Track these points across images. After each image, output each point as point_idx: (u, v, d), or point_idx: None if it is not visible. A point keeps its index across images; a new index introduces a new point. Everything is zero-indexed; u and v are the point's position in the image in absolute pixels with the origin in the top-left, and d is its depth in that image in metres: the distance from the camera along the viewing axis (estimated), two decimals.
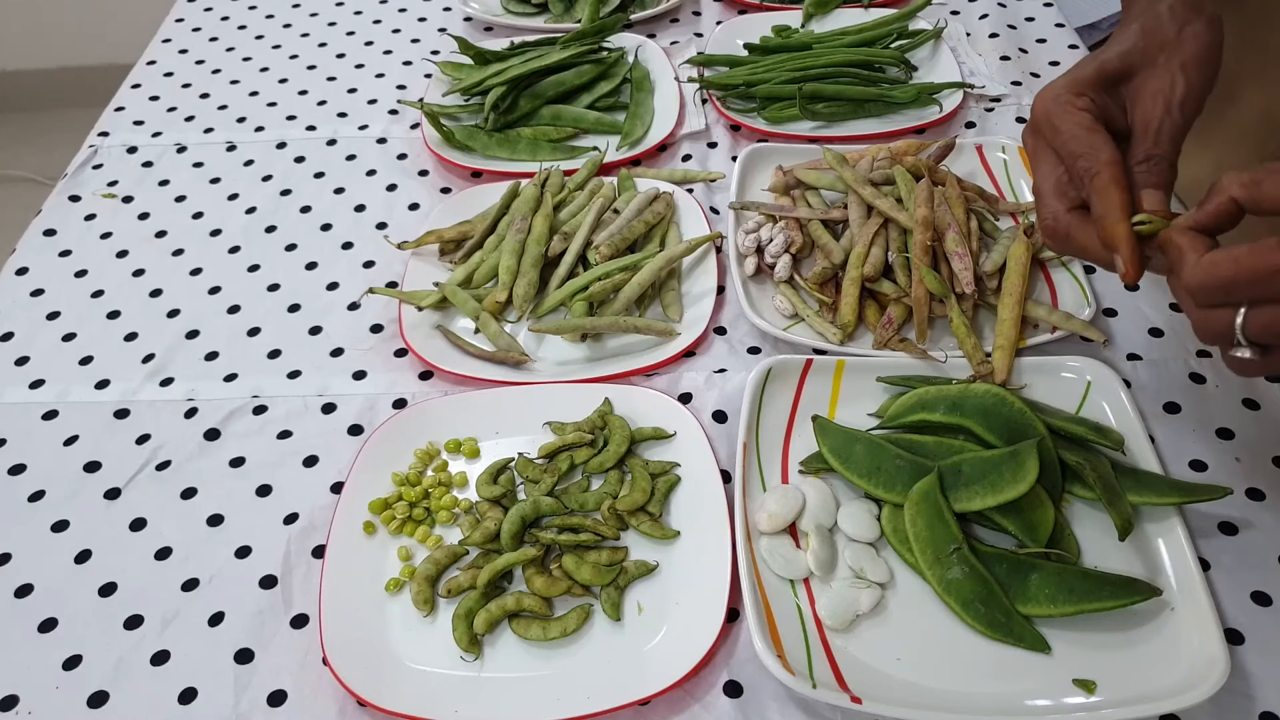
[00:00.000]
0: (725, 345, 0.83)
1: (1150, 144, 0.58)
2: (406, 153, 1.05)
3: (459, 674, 0.63)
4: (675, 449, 0.74)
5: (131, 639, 0.66)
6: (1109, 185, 0.57)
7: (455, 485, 0.73)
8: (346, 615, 0.65)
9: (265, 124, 1.10)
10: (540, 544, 0.68)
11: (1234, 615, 0.63)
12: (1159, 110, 0.58)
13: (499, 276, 0.86)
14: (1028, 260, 0.80)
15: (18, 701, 0.63)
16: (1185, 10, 0.60)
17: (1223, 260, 0.50)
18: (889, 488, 0.68)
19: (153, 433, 0.78)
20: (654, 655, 0.63)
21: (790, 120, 1.04)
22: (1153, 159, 0.57)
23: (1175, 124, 0.58)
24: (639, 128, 1.03)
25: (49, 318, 0.89)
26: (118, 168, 1.05)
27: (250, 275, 0.92)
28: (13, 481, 0.75)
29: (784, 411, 0.75)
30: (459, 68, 1.11)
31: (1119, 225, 0.56)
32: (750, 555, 0.65)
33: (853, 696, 0.58)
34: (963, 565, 0.63)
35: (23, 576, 0.69)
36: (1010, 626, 0.62)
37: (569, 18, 1.22)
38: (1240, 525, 0.68)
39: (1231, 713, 0.59)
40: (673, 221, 0.93)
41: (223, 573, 0.69)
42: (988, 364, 0.75)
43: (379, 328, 0.86)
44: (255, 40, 1.24)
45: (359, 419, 0.78)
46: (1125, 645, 0.61)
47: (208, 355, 0.84)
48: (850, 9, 1.19)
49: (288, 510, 0.73)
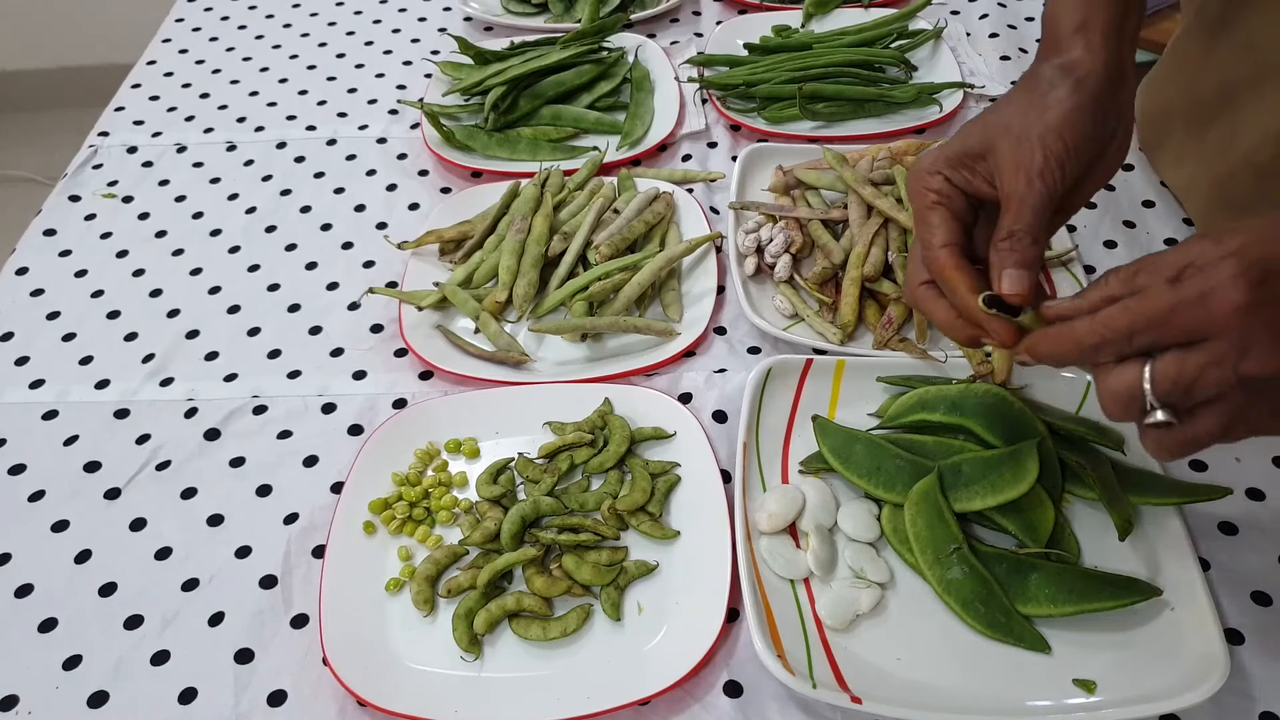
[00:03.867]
0: (725, 345, 0.83)
1: (1011, 219, 0.55)
2: (406, 153, 1.05)
3: (459, 674, 0.63)
4: (675, 449, 0.74)
5: (131, 639, 0.66)
6: (944, 269, 0.56)
7: (455, 485, 0.73)
8: (346, 615, 0.65)
9: (265, 124, 1.10)
10: (540, 544, 0.68)
11: (1234, 615, 0.63)
12: (1020, 184, 0.55)
13: (499, 276, 0.86)
14: None
15: (18, 701, 0.63)
16: (1055, 73, 0.58)
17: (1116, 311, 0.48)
18: (889, 488, 0.68)
19: (153, 433, 0.78)
20: (654, 655, 0.63)
21: (790, 120, 1.04)
22: (1014, 235, 0.55)
23: (1038, 196, 0.55)
24: (639, 128, 1.03)
25: (49, 318, 0.88)
26: (118, 168, 1.05)
27: (250, 275, 0.92)
28: (13, 481, 0.75)
29: (784, 411, 0.75)
30: (459, 68, 1.11)
31: (967, 304, 0.55)
32: (750, 555, 0.65)
33: (853, 696, 0.58)
34: (963, 565, 0.63)
35: (23, 576, 0.69)
36: (1010, 626, 0.62)
37: (569, 18, 1.22)
38: (1240, 525, 0.68)
39: (1231, 713, 0.59)
40: (673, 221, 0.93)
41: (223, 573, 0.69)
42: (988, 364, 0.75)
43: (379, 328, 0.86)
44: (255, 40, 1.24)
45: (359, 419, 0.78)
46: (1125, 645, 0.61)
47: (208, 355, 0.84)
48: (850, 9, 1.19)
49: (288, 510, 0.73)
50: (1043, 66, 0.60)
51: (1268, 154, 0.78)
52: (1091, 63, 0.59)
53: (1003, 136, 0.57)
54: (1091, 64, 0.58)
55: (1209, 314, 0.45)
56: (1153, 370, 0.47)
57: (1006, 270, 0.54)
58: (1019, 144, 0.56)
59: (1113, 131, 0.60)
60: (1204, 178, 0.87)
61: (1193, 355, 0.45)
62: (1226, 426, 0.47)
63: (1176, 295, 0.46)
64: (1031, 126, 0.56)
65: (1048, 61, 0.60)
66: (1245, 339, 0.44)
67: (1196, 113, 0.88)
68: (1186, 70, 0.89)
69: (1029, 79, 0.60)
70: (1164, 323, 0.46)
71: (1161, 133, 0.94)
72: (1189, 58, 0.88)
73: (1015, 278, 0.54)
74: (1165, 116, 0.93)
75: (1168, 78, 0.93)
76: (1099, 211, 0.93)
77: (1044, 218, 0.55)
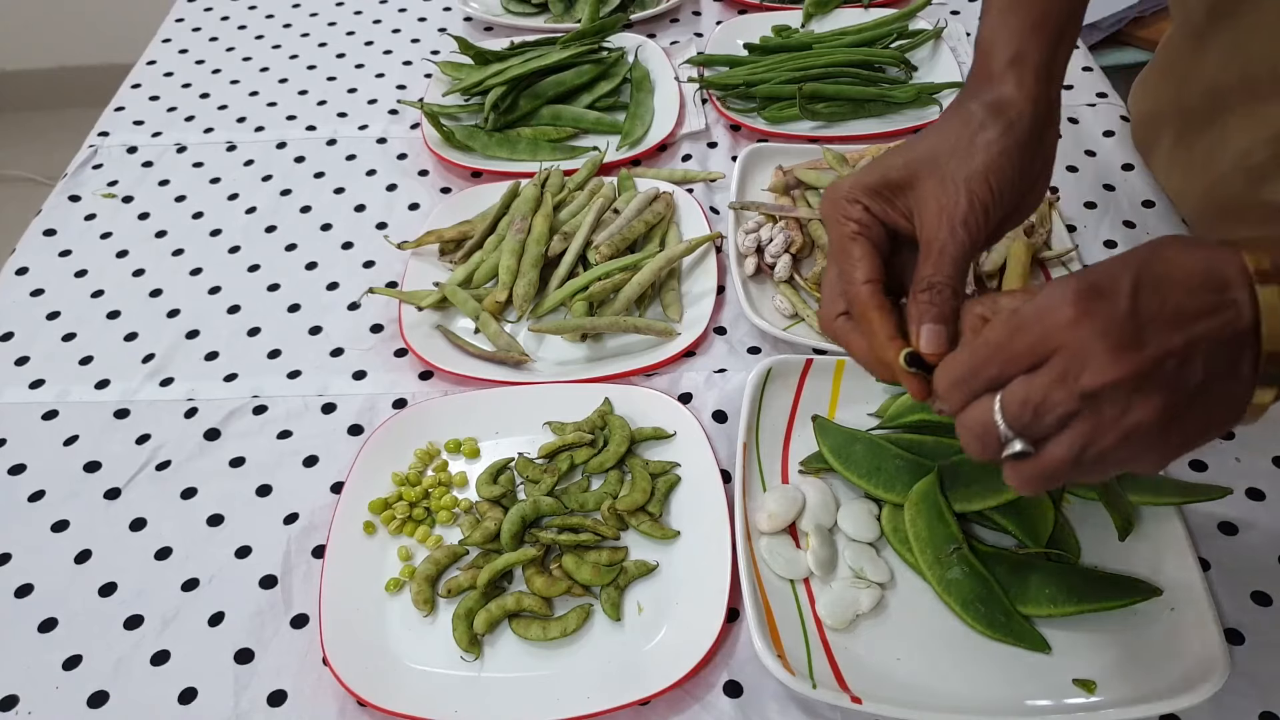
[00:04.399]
0: (725, 345, 0.83)
1: (931, 269, 0.53)
2: (406, 153, 1.05)
3: (459, 674, 0.63)
4: (675, 449, 0.74)
5: (131, 639, 0.66)
6: (865, 309, 0.54)
7: (455, 485, 0.73)
8: (346, 615, 0.65)
9: (265, 124, 1.10)
10: (540, 544, 0.68)
11: (1234, 615, 0.63)
12: (943, 231, 0.53)
13: (499, 276, 0.86)
14: (1028, 260, 0.80)
15: (18, 701, 0.63)
16: (985, 112, 0.56)
17: (957, 354, 0.48)
18: (889, 488, 0.68)
19: (153, 433, 0.78)
20: (654, 655, 0.63)
21: (790, 120, 1.04)
22: (934, 288, 0.52)
23: (960, 245, 0.53)
24: (639, 128, 1.03)
25: (49, 318, 0.88)
26: (118, 168, 1.05)
27: (250, 275, 0.92)
28: (13, 481, 0.75)
29: (784, 411, 0.75)
30: (459, 68, 1.11)
31: (885, 352, 0.53)
32: (750, 555, 0.65)
33: (853, 696, 0.58)
34: (963, 565, 0.63)
35: (23, 576, 0.69)
36: (1010, 626, 0.62)
37: (569, 18, 1.22)
38: (1240, 525, 0.68)
39: (1231, 713, 0.59)
40: (673, 221, 0.93)
41: (223, 573, 0.69)
42: None
43: (379, 328, 0.86)
44: (255, 40, 1.24)
45: (359, 419, 0.78)
46: (1125, 645, 0.61)
47: (208, 355, 0.84)
48: (850, 9, 1.19)
49: (288, 510, 0.73)
50: (973, 104, 0.57)
51: (1258, 159, 0.78)
52: (1022, 104, 0.57)
53: (928, 174, 0.55)
54: (1022, 105, 0.57)
55: (1044, 332, 0.45)
56: (1002, 398, 0.46)
57: (925, 325, 0.52)
58: (943, 185, 0.54)
59: (1037, 175, 0.58)
60: (1196, 183, 0.87)
61: (1036, 376, 0.45)
62: (1079, 452, 0.45)
63: (1014, 322, 0.46)
64: (958, 169, 0.54)
65: (978, 97, 0.58)
66: (1082, 352, 0.44)
67: (1186, 118, 0.88)
68: (1175, 74, 0.89)
69: (958, 113, 0.58)
70: (1005, 349, 0.46)
71: (1154, 136, 0.94)
72: (1178, 61, 0.88)
73: (932, 334, 0.52)
74: (1157, 120, 0.93)
75: (1158, 80, 0.93)
76: (1099, 211, 0.93)
77: (964, 268, 0.53)
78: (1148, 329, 0.44)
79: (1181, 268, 0.45)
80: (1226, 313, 0.44)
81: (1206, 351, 0.44)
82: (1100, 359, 0.44)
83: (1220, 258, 0.45)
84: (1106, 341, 0.44)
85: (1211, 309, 0.44)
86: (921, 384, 0.52)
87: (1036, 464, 0.47)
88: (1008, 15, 0.60)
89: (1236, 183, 0.81)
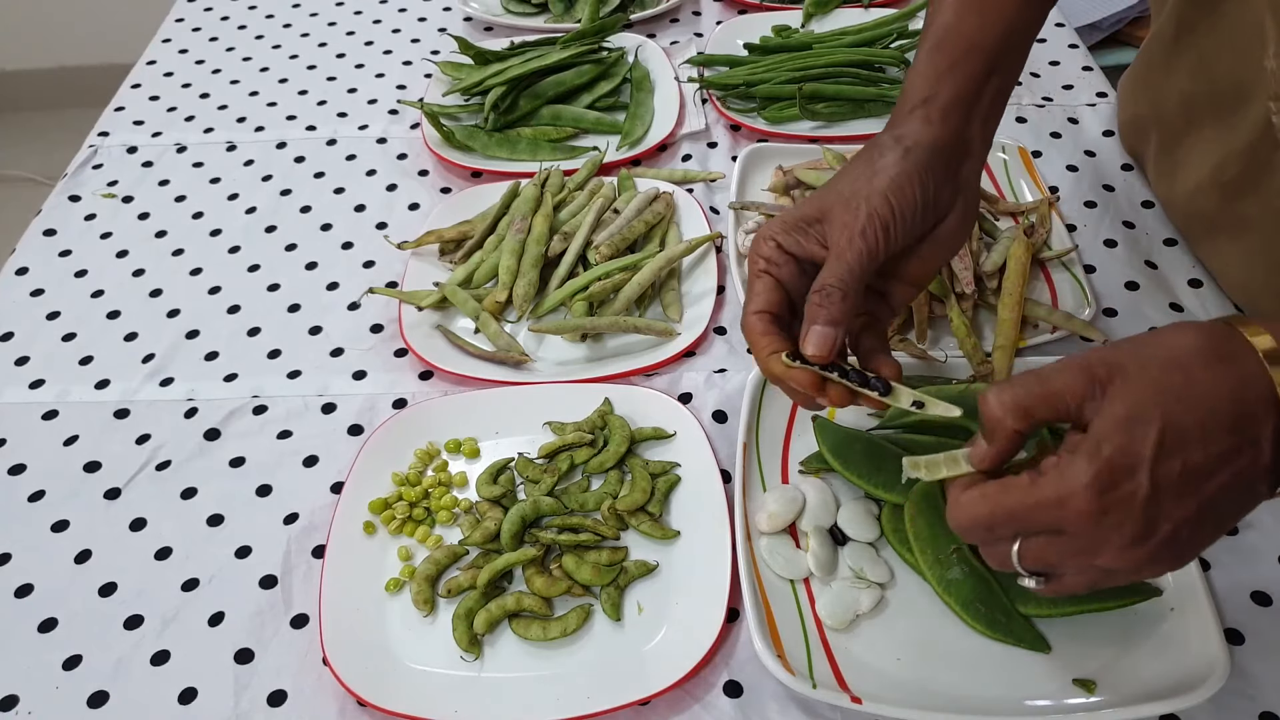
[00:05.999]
0: (725, 345, 0.83)
1: (826, 273, 0.57)
2: (406, 153, 1.05)
3: (459, 674, 0.63)
4: (675, 449, 0.74)
5: (131, 639, 0.66)
6: (751, 334, 0.59)
7: (455, 485, 0.73)
8: (346, 615, 0.65)
9: (265, 124, 1.10)
10: (540, 544, 0.68)
11: (1234, 615, 0.63)
12: (842, 240, 0.57)
13: (499, 276, 0.86)
14: (1028, 260, 0.80)
15: (18, 701, 0.63)
16: (888, 143, 0.60)
17: (977, 500, 0.51)
18: (889, 488, 0.68)
19: (153, 433, 0.78)
20: (654, 655, 0.63)
21: (790, 120, 1.04)
22: (824, 290, 0.57)
23: (857, 252, 0.57)
24: (639, 128, 1.03)
25: (49, 318, 0.89)
26: (118, 168, 1.05)
27: (250, 275, 0.92)
28: (13, 481, 0.75)
29: (784, 411, 0.75)
30: (459, 68, 1.11)
31: (772, 365, 0.58)
32: (750, 555, 0.65)
33: (853, 696, 0.58)
34: (963, 565, 0.63)
35: (23, 576, 0.69)
36: (1010, 626, 0.62)
37: (569, 18, 1.22)
38: (1240, 525, 0.68)
39: (1231, 713, 0.59)
40: (673, 221, 0.93)
41: (223, 573, 0.69)
42: (988, 364, 0.75)
43: (379, 328, 0.86)
44: (255, 40, 1.24)
45: (359, 419, 0.78)
46: (1125, 645, 0.61)
47: (208, 355, 0.84)
48: (850, 9, 1.19)
49: (288, 510, 0.73)
50: (881, 138, 0.61)
51: (1231, 173, 0.78)
52: (922, 135, 0.60)
53: (836, 200, 0.59)
54: (921, 136, 0.60)
55: (1063, 516, 0.47)
56: (1021, 549, 0.50)
57: (813, 327, 0.56)
58: (847, 206, 0.58)
59: (949, 204, 0.61)
60: (1177, 192, 0.87)
61: (1055, 544, 0.49)
62: (1092, 584, 0.51)
63: (1035, 495, 0.48)
64: (861, 190, 0.58)
65: (886, 133, 0.62)
66: (1097, 541, 0.47)
67: (1166, 126, 0.88)
68: (1153, 82, 0.89)
69: (867, 148, 0.62)
70: (1022, 521, 0.49)
71: (1142, 141, 0.94)
72: (1154, 70, 0.89)
73: (818, 336, 0.56)
74: (1143, 125, 0.93)
75: (1138, 87, 0.94)
76: (1099, 211, 0.93)
77: (859, 274, 0.57)
78: (1164, 505, 0.46)
79: (1205, 404, 0.46)
80: (1245, 455, 0.46)
81: (1222, 501, 0.47)
82: (1115, 548, 0.47)
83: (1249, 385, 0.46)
84: (1122, 536, 0.46)
85: (1233, 452, 0.46)
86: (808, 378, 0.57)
87: (1052, 588, 0.52)
88: (934, 54, 0.63)
89: (1213, 196, 0.81)
